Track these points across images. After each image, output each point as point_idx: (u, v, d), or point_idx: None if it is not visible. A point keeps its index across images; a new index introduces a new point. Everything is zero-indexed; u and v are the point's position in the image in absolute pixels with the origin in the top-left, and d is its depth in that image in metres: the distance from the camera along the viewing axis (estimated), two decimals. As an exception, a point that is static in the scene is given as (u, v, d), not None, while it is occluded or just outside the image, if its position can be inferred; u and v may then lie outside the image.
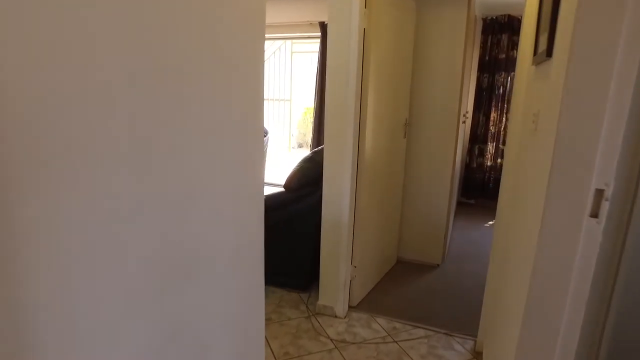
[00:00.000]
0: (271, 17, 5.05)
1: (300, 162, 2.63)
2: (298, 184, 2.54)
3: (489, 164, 4.86)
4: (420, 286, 2.94)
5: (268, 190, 5.13)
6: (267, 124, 7.68)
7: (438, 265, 3.27)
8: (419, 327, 2.42)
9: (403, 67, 2.84)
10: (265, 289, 2.95)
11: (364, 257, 2.64)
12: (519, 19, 4.39)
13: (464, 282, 3.01)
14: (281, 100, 7.77)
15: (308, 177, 2.55)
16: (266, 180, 5.21)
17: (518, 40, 4.62)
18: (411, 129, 3.08)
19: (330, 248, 2.43)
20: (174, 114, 0.92)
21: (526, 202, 1.41)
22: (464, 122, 3.66)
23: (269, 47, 7.54)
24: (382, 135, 2.65)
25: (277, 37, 5.37)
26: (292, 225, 2.66)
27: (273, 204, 2.61)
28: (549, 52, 1.21)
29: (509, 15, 4.40)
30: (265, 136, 5.27)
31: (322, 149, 2.45)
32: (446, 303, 2.73)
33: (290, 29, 5.15)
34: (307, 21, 4.91)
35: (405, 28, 2.77)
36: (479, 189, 4.92)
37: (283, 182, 2.67)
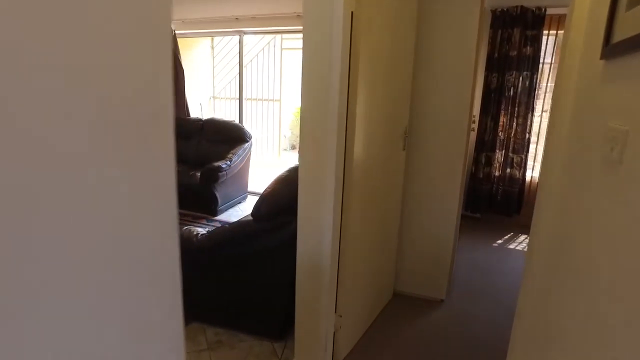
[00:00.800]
0: (257, 9, 4.51)
1: (271, 184, 2.10)
2: (269, 212, 2.01)
3: (497, 174, 4.34)
4: (423, 330, 2.41)
5: (252, 201, 4.50)
6: (252, 126, 7.13)
7: (442, 300, 2.75)
8: (422, 396, 1.90)
9: (402, 65, 2.31)
10: (232, 336, 2.43)
11: (352, 301, 2.11)
12: (533, 10, 3.87)
13: (474, 325, 2.49)
14: (270, 100, 7.23)
15: (281, 203, 2.02)
16: (251, 189, 4.64)
17: (531, 35, 4.14)
18: (412, 140, 2.55)
19: (306, 296, 1.90)
20: None
21: (600, 266, 0.88)
22: (473, 129, 3.15)
23: (257, 43, 7.00)
24: (375, 148, 2.12)
25: (263, 31, 4.84)
26: (263, 262, 2.13)
27: (239, 237, 2.08)
28: (664, 34, 0.68)
29: (522, 7, 3.88)
30: (248, 141, 4.74)
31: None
32: (455, 354, 2.21)
33: (277, 21, 4.61)
34: (295, 13, 4.38)
35: (405, 17, 2.24)
36: (485, 201, 4.41)
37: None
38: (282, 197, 2.04)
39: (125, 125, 0.58)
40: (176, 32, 4.90)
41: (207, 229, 2.33)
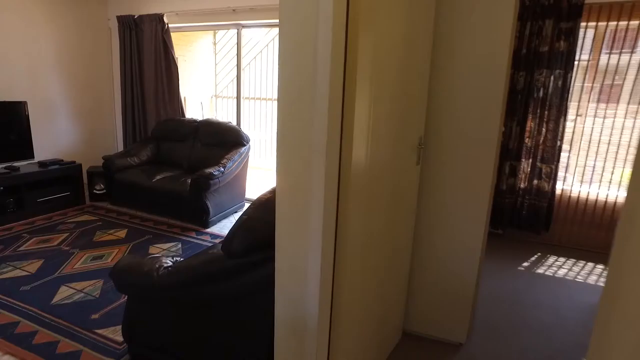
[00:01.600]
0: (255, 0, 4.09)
1: (250, 209, 1.67)
2: (244, 245, 1.58)
3: (522, 185, 3.85)
4: (437, 387, 1.97)
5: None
6: (255, 127, 6.72)
7: (461, 344, 2.29)
8: None
9: (417, 61, 1.86)
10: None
11: (350, 357, 1.67)
12: None
13: (501, 380, 2.03)
14: (275, 100, 6.81)
15: (261, 234, 1.59)
16: (249, 196, 4.21)
17: (566, 28, 3.62)
18: (428, 153, 2.10)
19: (288, 358, 1.46)
20: None
21: None
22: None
23: (262, 38, 6.58)
24: (381, 164, 1.68)
25: (263, 24, 4.41)
26: (238, 306, 1.71)
27: (206, 276, 1.66)
28: None
29: (556, -4, 3.38)
30: (244, 145, 4.33)
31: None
32: None
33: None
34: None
35: (419, 2, 1.79)
36: (508, 216, 3.92)
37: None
38: (262, 227, 1.61)
39: None
40: (169, 25, 4.51)
41: (176, 259, 1.92)
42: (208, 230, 3.88)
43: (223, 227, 3.98)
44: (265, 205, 1.68)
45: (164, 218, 4.12)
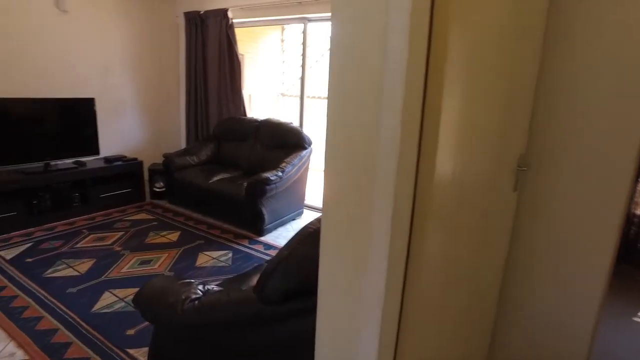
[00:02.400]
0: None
1: (291, 242, 1.32)
2: (282, 290, 1.24)
3: (638, 211, 3.11)
4: None
5: (309, 218, 3.68)
6: (322, 128, 6.40)
7: (560, 423, 1.76)
8: None
9: (523, 57, 1.39)
10: None
11: None
12: None
13: None
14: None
15: (304, 276, 1.24)
16: (308, 202, 3.88)
17: None
18: (530, 176, 1.60)
19: None
20: None
21: None
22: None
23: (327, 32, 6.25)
24: (469, 191, 1.25)
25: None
26: (272, 356, 1.37)
27: (234, 319, 1.34)
28: None
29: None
30: (306, 148, 4.02)
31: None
32: None
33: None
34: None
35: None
36: (620, 249, 3.19)
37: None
38: (306, 267, 1.25)
39: None
40: (233, 21, 4.33)
41: (207, 287, 1.63)
42: (262, 238, 3.63)
43: (279, 236, 3.70)
44: (314, 238, 1.32)
45: (219, 222, 3.95)
